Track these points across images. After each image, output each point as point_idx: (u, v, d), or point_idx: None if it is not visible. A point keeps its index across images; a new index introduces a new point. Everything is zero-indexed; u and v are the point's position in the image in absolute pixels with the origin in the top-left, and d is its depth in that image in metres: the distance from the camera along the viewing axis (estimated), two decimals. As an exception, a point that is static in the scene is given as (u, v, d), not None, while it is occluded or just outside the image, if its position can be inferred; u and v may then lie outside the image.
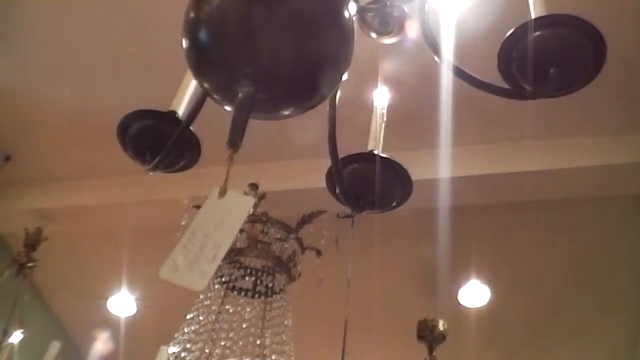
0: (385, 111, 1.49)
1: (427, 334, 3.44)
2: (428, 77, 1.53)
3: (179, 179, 1.49)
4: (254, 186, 2.94)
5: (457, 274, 3.68)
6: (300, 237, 2.93)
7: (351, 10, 0.92)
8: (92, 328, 3.98)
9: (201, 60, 0.85)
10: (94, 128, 3.25)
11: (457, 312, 3.82)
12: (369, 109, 1.48)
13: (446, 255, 3.32)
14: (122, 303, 4.09)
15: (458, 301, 3.84)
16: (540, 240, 3.46)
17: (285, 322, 2.65)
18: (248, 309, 2.67)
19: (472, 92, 1.10)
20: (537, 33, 1.02)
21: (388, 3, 1.31)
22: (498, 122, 2.88)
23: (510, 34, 1.04)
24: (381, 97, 1.49)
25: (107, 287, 4.04)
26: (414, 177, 1.28)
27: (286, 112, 0.88)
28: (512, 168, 2.91)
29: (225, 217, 0.77)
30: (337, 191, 1.26)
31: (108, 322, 4.12)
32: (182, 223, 2.89)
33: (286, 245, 2.89)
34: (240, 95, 0.78)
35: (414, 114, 2.71)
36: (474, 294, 3.81)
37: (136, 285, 4.00)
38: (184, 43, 0.86)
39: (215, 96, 0.86)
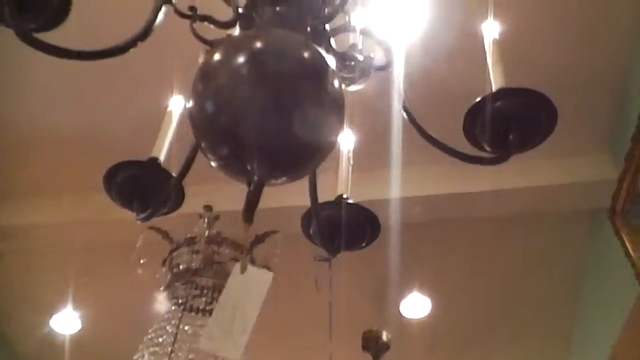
0: (351, 154, 1.61)
1: (372, 344, 3.60)
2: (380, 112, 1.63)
3: None
4: (208, 208, 3.01)
5: (400, 287, 3.84)
6: (253, 256, 3.01)
7: (338, 85, 1.03)
8: (38, 345, 3.96)
9: (214, 145, 0.94)
10: (48, 145, 3.26)
11: (400, 322, 3.98)
12: (335, 152, 1.59)
13: (390, 270, 3.47)
14: (67, 320, 4.08)
15: (400, 312, 4.00)
16: (479, 254, 3.66)
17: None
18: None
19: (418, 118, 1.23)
20: (497, 104, 1.16)
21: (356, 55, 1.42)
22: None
23: (474, 104, 1.17)
24: (347, 141, 1.60)
25: (53, 305, 4.02)
26: (365, 197, 1.41)
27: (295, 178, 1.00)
28: (455, 189, 3.09)
29: (248, 290, 0.86)
30: (313, 235, 1.37)
31: (53, 339, 4.10)
32: (138, 244, 2.95)
33: (240, 265, 2.98)
34: (254, 178, 0.88)
35: (366, 137, 2.83)
36: (416, 305, 3.98)
37: (82, 302, 3.99)
38: (195, 129, 0.96)
39: (225, 172, 0.95)
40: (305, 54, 0.97)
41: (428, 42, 2.66)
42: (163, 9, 1.17)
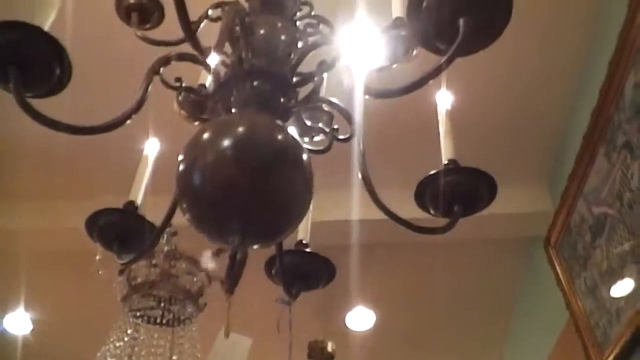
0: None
1: (317, 354, 3.76)
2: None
3: (87, 209, 1.65)
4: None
5: (346, 301, 4.02)
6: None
7: (308, 163, 1.17)
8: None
9: (197, 216, 1.08)
10: (7, 154, 3.31)
11: (346, 334, 4.16)
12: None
13: (337, 285, 3.63)
14: (19, 321, 4.13)
15: (346, 325, 4.19)
16: (420, 274, 3.87)
17: (197, 353, 2.85)
18: (161, 341, 2.85)
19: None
20: (447, 179, 1.33)
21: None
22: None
23: (425, 177, 1.34)
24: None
25: (5, 305, 4.07)
26: (320, 219, 1.55)
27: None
28: (400, 215, 3.26)
29: (232, 353, 1.00)
30: (275, 276, 1.53)
31: (5, 339, 4.14)
32: (98, 257, 3.04)
33: (195, 279, 3.10)
34: (233, 251, 1.02)
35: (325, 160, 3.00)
36: (361, 318, 4.17)
37: (35, 305, 4.05)
38: (180, 199, 1.10)
39: (208, 239, 1.09)
40: (280, 140, 1.11)
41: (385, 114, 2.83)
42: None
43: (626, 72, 2.38)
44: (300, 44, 1.42)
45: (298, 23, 1.50)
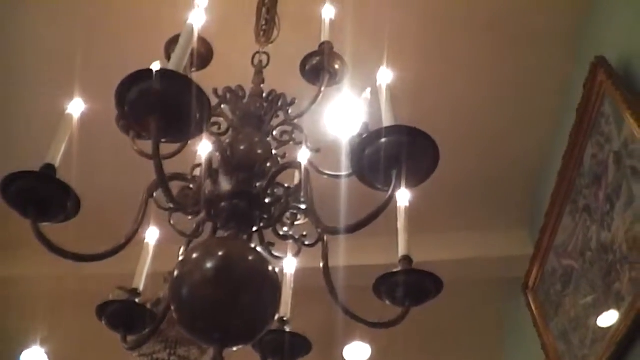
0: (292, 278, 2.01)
1: (316, 385, 4.01)
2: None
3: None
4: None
5: (344, 335, 4.26)
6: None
7: (276, 278, 1.42)
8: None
9: (184, 324, 1.33)
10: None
11: (344, 367, 4.41)
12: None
13: (336, 321, 3.88)
14: (35, 356, 4.39)
15: (344, 357, 4.43)
16: (411, 311, 4.08)
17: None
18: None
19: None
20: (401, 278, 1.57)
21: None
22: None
23: (382, 276, 1.58)
24: (290, 267, 2.00)
25: (24, 342, 4.33)
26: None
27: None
28: (390, 260, 3.50)
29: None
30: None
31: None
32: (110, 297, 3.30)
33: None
34: (215, 355, 1.28)
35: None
36: (358, 351, 4.41)
37: (50, 341, 4.31)
38: (172, 305, 1.35)
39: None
40: (251, 261, 1.37)
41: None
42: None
43: (584, 143, 2.62)
44: (274, 152, 1.68)
45: (274, 132, 1.76)
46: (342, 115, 1.83)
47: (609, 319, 2.47)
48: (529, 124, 3.28)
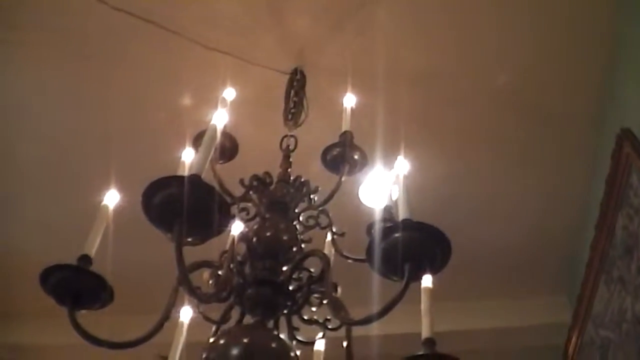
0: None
1: None
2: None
3: (142, 325, 1.92)
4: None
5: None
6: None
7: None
8: None
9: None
10: (33, 273, 3.69)
11: None
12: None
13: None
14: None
15: None
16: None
17: None
18: None
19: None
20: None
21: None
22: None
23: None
24: (320, 347, 2.03)
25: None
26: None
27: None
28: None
29: None
30: None
31: None
32: None
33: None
34: None
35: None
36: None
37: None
38: None
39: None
40: (274, 348, 1.43)
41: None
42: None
43: (615, 214, 2.62)
44: (300, 238, 1.74)
45: (300, 217, 1.83)
46: (371, 196, 1.89)
47: (645, 393, 2.43)
48: (563, 194, 3.29)
